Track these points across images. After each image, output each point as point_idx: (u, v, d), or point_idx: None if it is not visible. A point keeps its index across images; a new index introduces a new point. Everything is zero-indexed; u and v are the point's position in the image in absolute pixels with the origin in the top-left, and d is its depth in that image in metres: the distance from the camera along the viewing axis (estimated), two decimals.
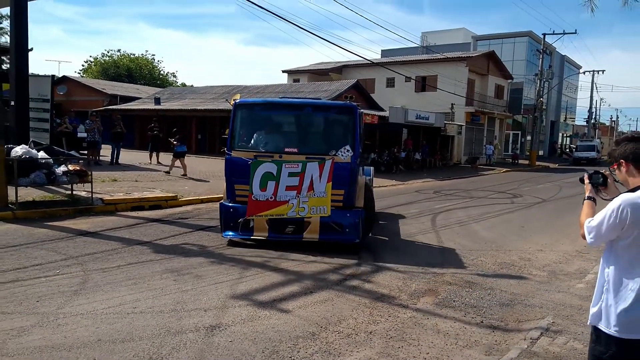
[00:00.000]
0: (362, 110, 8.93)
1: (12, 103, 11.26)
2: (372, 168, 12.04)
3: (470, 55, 34.92)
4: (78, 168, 10.14)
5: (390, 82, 34.83)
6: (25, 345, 3.80)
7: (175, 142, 16.21)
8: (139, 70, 52.63)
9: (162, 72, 56.27)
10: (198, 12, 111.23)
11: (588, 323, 2.51)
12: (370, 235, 8.54)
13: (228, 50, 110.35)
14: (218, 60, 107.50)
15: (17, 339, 3.91)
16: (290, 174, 7.28)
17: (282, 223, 7.50)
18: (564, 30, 35.51)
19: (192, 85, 50.03)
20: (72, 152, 11.85)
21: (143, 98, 35.33)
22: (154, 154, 19.24)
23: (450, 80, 31.50)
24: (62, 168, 9.97)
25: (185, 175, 15.61)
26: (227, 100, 29.77)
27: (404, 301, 5.37)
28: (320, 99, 25.22)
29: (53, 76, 14.13)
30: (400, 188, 17.95)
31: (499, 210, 12.84)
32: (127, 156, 19.67)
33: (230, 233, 7.62)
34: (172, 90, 39.62)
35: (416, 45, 39.70)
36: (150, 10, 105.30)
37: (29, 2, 11.54)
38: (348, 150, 7.43)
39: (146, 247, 7.14)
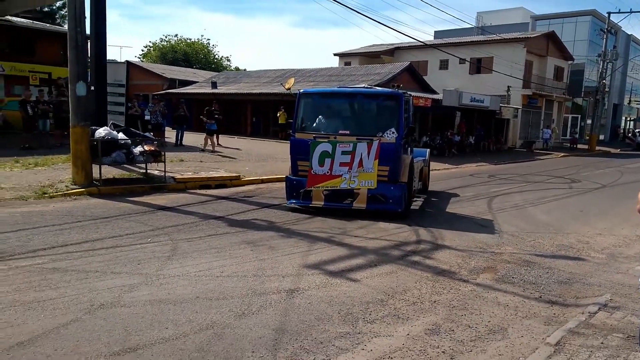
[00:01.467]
0: (410, 94, 9.92)
1: (92, 88, 12.22)
2: (427, 150, 12.97)
3: (529, 35, 33.76)
4: (153, 149, 10.98)
5: (444, 64, 34.30)
6: (137, 299, 4.46)
7: (206, 120, 17.28)
8: (195, 55, 54.21)
9: (216, 57, 57.68)
10: None
11: None
12: (427, 210, 9.01)
13: (278, 33, 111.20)
14: (269, 44, 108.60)
15: (129, 294, 4.58)
16: (344, 152, 8.52)
17: (336, 194, 8.77)
18: (630, 9, 33.73)
19: (245, 69, 51.07)
20: (147, 134, 12.74)
21: (200, 82, 36.54)
22: (215, 136, 20.12)
23: (506, 62, 30.68)
24: (139, 148, 10.84)
25: (214, 151, 16.67)
26: (281, 84, 30.36)
27: (464, 276, 5.70)
28: (370, 85, 25.32)
29: (128, 62, 15.11)
30: (454, 172, 17.99)
31: (556, 194, 12.75)
32: (188, 138, 20.68)
33: (294, 201, 9.01)
34: (227, 74, 40.70)
35: (471, 26, 38.76)
36: None
37: None
38: (393, 132, 8.50)
39: (220, 222, 7.79)
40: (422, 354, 3.73)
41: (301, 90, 9.53)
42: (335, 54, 41.47)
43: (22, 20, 28.29)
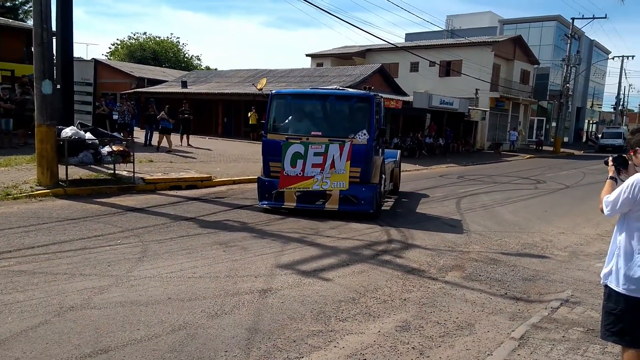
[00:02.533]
0: (381, 96, 10.07)
1: (58, 86, 11.92)
2: (398, 151, 13.31)
3: (497, 39, 34.64)
4: (121, 149, 10.80)
5: (415, 67, 34.84)
6: (108, 301, 4.41)
7: (161, 117, 17.22)
8: (164, 54, 53.40)
9: (186, 56, 56.95)
10: None
11: (601, 283, 2.96)
12: (398, 210, 9.07)
13: (250, 32, 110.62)
14: (240, 43, 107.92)
15: (100, 296, 4.52)
16: (316, 154, 8.58)
17: (308, 195, 8.79)
18: (593, 15, 34.89)
19: (216, 69, 50.61)
20: (115, 134, 12.51)
21: (169, 81, 36.05)
22: (185, 137, 19.90)
23: (475, 65, 31.39)
24: (107, 149, 10.65)
25: (170, 151, 16.49)
26: (253, 84, 30.17)
27: (433, 274, 5.84)
28: (342, 87, 25.47)
29: (95, 60, 14.79)
30: (424, 173, 18.31)
31: (522, 195, 13.15)
32: (157, 138, 20.37)
33: (266, 202, 9.01)
34: (197, 73, 40.26)
35: (441, 29, 39.49)
36: None
37: None
38: (365, 134, 8.67)
39: (192, 223, 7.74)
40: (393, 350, 3.82)
41: (273, 91, 9.64)
42: (307, 55, 41.67)
43: None
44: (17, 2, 37.79)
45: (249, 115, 25.59)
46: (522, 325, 4.38)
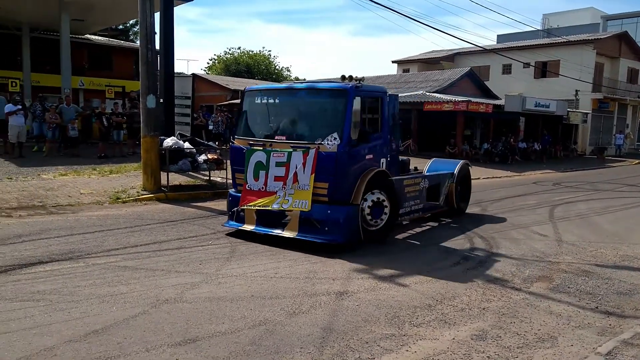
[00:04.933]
0: (386, 92, 7.63)
1: (161, 100, 13.05)
2: (460, 162, 10.28)
3: (599, 37, 32.13)
4: (216, 157, 11.59)
5: (507, 69, 33.37)
6: (198, 296, 4.82)
7: None
8: (257, 66, 55.86)
9: (277, 67, 59.12)
10: (306, 7, 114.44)
11: None
12: (483, 218, 8.76)
13: (337, 42, 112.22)
14: (328, 53, 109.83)
15: (191, 291, 4.96)
16: (278, 164, 6.89)
17: (269, 215, 7.00)
18: None
19: (304, 79, 52.00)
20: (211, 143, 13.44)
21: None
22: None
23: (574, 65, 29.36)
24: (203, 157, 11.48)
25: None
26: None
27: (517, 285, 5.64)
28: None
29: (194, 75, 16.00)
30: (516, 179, 17.48)
31: (625, 204, 12.11)
32: None
33: (232, 222, 7.47)
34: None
35: (536, 29, 37.41)
36: (262, 8, 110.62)
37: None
38: (335, 139, 6.58)
39: None
40: (466, 358, 3.79)
41: (246, 88, 8.06)
42: (393, 61, 41.45)
43: (100, 38, 30.49)
44: (128, 25, 41.71)
45: None
46: (611, 341, 4.12)
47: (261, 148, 7.07)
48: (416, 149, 23.54)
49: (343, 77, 7.23)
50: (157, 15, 11.84)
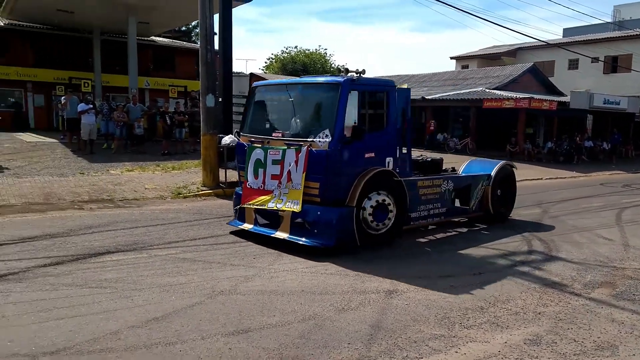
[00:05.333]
0: (390, 84, 7.18)
1: (220, 99, 13.50)
2: (500, 162, 9.25)
3: None
4: None
5: (573, 64, 31.78)
6: (251, 289, 5.00)
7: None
8: (313, 65, 56.32)
9: (333, 65, 59.34)
10: (363, 4, 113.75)
11: None
12: (543, 220, 8.41)
13: (393, 38, 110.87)
14: (385, 50, 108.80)
15: (245, 284, 5.14)
16: (274, 162, 6.66)
17: (267, 215, 6.87)
18: None
19: None
20: None
21: None
22: None
23: None
24: None
25: None
26: None
27: (577, 290, 5.41)
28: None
29: (251, 74, 16.43)
30: (581, 180, 16.65)
31: None
32: None
33: (235, 221, 7.40)
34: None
35: (605, 22, 35.30)
36: (319, 7, 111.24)
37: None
38: (327, 136, 6.23)
39: None
40: None
41: (254, 83, 7.97)
42: (451, 58, 40.52)
43: (163, 39, 31.83)
44: (190, 26, 43.28)
45: None
46: None
47: (260, 145, 6.87)
48: (474, 148, 22.92)
49: (339, 70, 6.95)
50: (216, 17, 12.27)
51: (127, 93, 20.72)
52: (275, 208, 6.58)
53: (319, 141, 6.26)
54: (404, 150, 7.38)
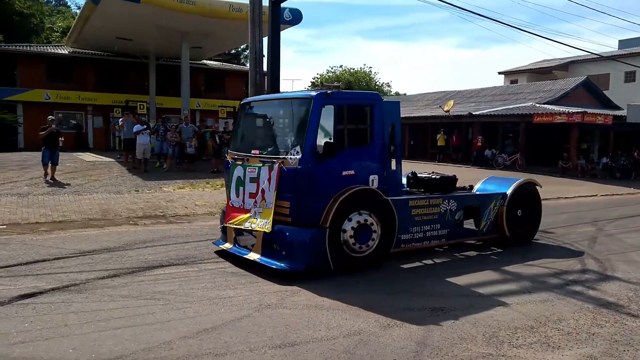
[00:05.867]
0: (374, 97, 6.93)
1: None
2: (519, 180, 8.45)
3: None
4: None
5: (630, 77, 30.46)
6: (297, 303, 5.07)
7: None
8: (357, 83, 56.71)
9: (377, 83, 59.51)
10: (407, 22, 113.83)
11: None
12: (597, 239, 8.07)
13: (439, 55, 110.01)
14: (430, 67, 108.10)
15: (291, 298, 5.23)
16: (251, 180, 6.47)
17: (243, 235, 6.65)
18: None
19: (405, 94, 51.75)
20: None
21: None
22: None
23: None
24: None
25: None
26: (440, 106, 30.21)
27: (634, 311, 5.17)
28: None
29: None
30: (638, 197, 15.83)
31: None
32: None
33: (219, 241, 7.25)
34: (387, 99, 41.74)
35: None
36: (364, 26, 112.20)
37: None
38: (297, 152, 5.95)
39: None
40: None
41: (243, 100, 7.87)
42: (500, 73, 39.80)
43: (214, 62, 33.07)
44: (239, 49, 44.76)
45: (438, 137, 25.59)
46: None
47: (240, 163, 6.74)
48: (524, 164, 22.29)
49: (314, 85, 6.68)
50: (265, 40, 12.67)
51: (180, 114, 21.61)
52: (250, 228, 6.36)
53: (290, 158, 6.00)
54: (393, 167, 6.88)
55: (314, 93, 6.15)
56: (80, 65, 28.43)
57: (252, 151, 6.70)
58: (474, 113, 24.54)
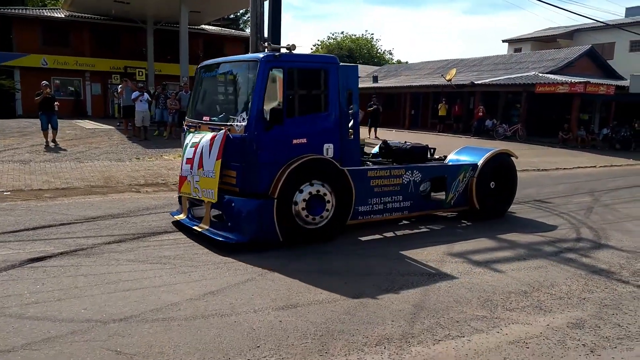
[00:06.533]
0: (334, 61, 6.27)
1: None
2: (493, 150, 8.09)
3: None
4: None
5: (636, 46, 30.07)
6: (299, 268, 5.25)
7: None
8: (358, 50, 56.01)
9: (379, 51, 58.75)
10: None
11: None
12: (593, 208, 8.22)
13: (445, 22, 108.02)
14: (435, 34, 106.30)
15: (296, 263, 5.40)
16: (192, 144, 6.20)
17: (197, 204, 6.44)
18: None
19: (407, 62, 51.15)
20: None
21: (362, 77, 37.78)
22: (373, 129, 20.90)
23: None
24: None
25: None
26: (442, 75, 29.84)
27: (625, 277, 5.35)
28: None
29: None
30: (638, 168, 15.95)
31: None
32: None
33: (174, 211, 7.10)
34: (388, 67, 41.39)
35: None
36: None
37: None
38: (243, 119, 5.68)
39: None
40: (560, 344, 3.77)
41: (200, 64, 7.23)
42: (504, 41, 39.30)
43: (213, 27, 32.53)
44: (238, 14, 43.95)
45: (439, 106, 25.46)
46: None
47: (191, 130, 6.51)
48: (525, 134, 22.30)
49: (263, 46, 6.14)
50: (266, 4, 12.50)
51: (179, 81, 21.45)
52: (197, 197, 6.16)
53: (237, 125, 5.72)
54: (351, 137, 6.51)
55: (261, 55, 5.79)
56: (77, 29, 28.00)
57: (204, 118, 6.44)
58: (476, 82, 24.37)
